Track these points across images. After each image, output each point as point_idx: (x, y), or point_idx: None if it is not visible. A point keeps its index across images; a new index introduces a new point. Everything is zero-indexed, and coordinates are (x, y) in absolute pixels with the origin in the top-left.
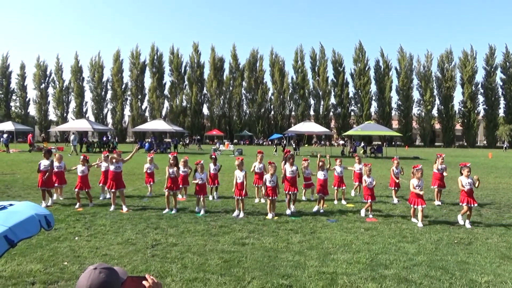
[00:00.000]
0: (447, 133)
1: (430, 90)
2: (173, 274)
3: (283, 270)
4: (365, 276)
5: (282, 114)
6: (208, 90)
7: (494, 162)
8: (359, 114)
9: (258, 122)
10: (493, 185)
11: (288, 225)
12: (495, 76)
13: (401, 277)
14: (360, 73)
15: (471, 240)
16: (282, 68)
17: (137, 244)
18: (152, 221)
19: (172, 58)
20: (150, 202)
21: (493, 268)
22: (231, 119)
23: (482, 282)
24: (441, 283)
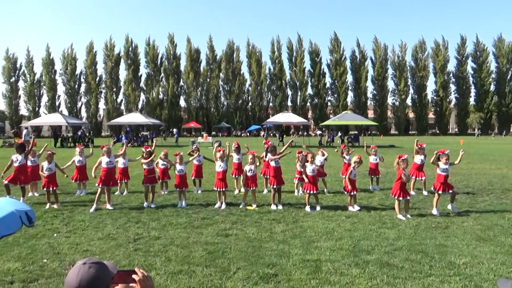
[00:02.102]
0: (421, 121)
1: (405, 80)
2: (157, 267)
3: (268, 259)
4: (348, 262)
5: (260, 105)
6: (185, 82)
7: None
8: (336, 104)
9: (236, 114)
10: (466, 171)
11: (270, 215)
12: (466, 65)
13: (383, 262)
14: (336, 63)
15: (448, 224)
16: (259, 59)
17: (118, 239)
18: (132, 216)
19: (148, 50)
20: (129, 196)
21: (470, 250)
22: (209, 111)
23: (461, 264)
24: (421, 266)
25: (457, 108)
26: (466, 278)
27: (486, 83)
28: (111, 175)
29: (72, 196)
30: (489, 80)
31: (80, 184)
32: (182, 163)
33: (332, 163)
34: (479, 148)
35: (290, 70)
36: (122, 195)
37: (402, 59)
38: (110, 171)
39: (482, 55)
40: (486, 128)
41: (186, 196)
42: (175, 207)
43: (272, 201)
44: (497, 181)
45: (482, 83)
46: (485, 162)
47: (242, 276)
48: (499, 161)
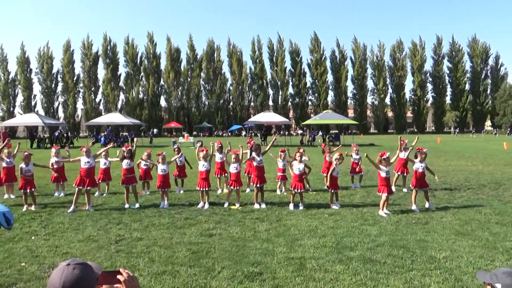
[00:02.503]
0: (399, 120)
1: (383, 79)
2: (140, 268)
3: (253, 258)
4: (332, 259)
5: (242, 105)
6: (165, 81)
7: (443, 146)
8: (317, 103)
9: (217, 114)
10: (443, 168)
11: (254, 214)
12: (442, 65)
13: (366, 258)
14: (316, 63)
15: (428, 219)
16: (240, 59)
17: (99, 241)
18: (113, 217)
19: (127, 49)
20: (110, 197)
21: (449, 244)
22: (190, 110)
23: (441, 258)
24: (403, 261)
25: (434, 107)
26: (446, 271)
27: (461, 82)
28: (90, 175)
29: (50, 198)
30: (464, 80)
31: (58, 185)
32: (164, 163)
33: (314, 161)
34: (455, 146)
35: (271, 69)
36: (102, 196)
37: (381, 59)
38: (88, 171)
39: (457, 55)
40: (461, 127)
41: (169, 196)
42: (157, 208)
43: (255, 200)
44: (473, 177)
45: (458, 82)
46: (461, 159)
47: (227, 275)
48: (474, 158)
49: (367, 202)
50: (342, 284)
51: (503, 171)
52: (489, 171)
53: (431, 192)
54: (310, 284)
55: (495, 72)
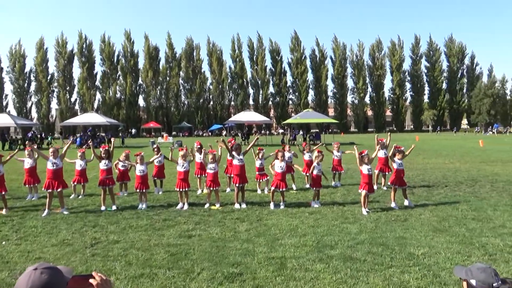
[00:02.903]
0: (379, 119)
1: (363, 78)
2: (117, 272)
3: (233, 258)
4: (312, 258)
5: (222, 104)
6: (143, 80)
7: (421, 145)
8: (297, 102)
9: (197, 113)
10: (422, 166)
11: (234, 214)
12: (420, 64)
13: (346, 256)
14: (297, 62)
15: (406, 217)
16: (220, 57)
17: (74, 245)
18: (89, 219)
19: (103, 47)
20: (86, 199)
21: (427, 241)
22: (169, 110)
23: (419, 254)
24: (383, 258)
25: (412, 105)
26: (425, 267)
27: (438, 81)
28: (58, 177)
29: (22, 201)
30: (441, 79)
31: (31, 187)
32: (143, 163)
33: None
34: (433, 144)
35: (252, 68)
36: (78, 198)
37: (360, 58)
38: (55, 173)
39: (435, 55)
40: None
41: (147, 198)
42: (135, 209)
43: (236, 200)
44: (451, 175)
45: (435, 82)
46: (439, 157)
47: (206, 277)
48: (451, 156)
49: (348, 200)
50: (322, 282)
51: (479, 168)
52: (466, 169)
53: (410, 189)
54: (290, 283)
55: (471, 72)
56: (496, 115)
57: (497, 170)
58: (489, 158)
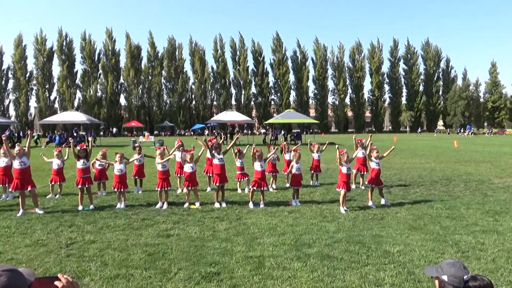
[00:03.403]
0: (358, 120)
1: (343, 80)
2: (91, 273)
3: (210, 258)
4: (290, 256)
5: (204, 104)
6: (125, 79)
7: (399, 145)
8: (279, 103)
9: (179, 112)
10: (399, 165)
11: (213, 213)
12: (398, 67)
13: (323, 254)
14: (279, 63)
15: (383, 215)
16: (202, 57)
17: (48, 245)
18: (65, 219)
19: (84, 45)
20: (63, 199)
21: (403, 239)
22: (151, 109)
23: (395, 252)
24: (359, 256)
25: (391, 107)
26: (399, 265)
27: (416, 83)
28: (25, 177)
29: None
30: (418, 81)
31: (5, 187)
32: (122, 162)
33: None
34: (410, 145)
35: (234, 69)
36: (55, 198)
37: (341, 60)
38: (22, 172)
39: (412, 58)
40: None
41: (126, 197)
42: (113, 209)
43: (216, 199)
44: (426, 174)
45: (412, 84)
46: (415, 157)
47: (183, 277)
48: (428, 156)
49: (327, 199)
50: (299, 281)
51: (453, 168)
52: (441, 168)
53: (387, 188)
54: (268, 282)
55: (446, 75)
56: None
57: (471, 170)
58: (463, 158)
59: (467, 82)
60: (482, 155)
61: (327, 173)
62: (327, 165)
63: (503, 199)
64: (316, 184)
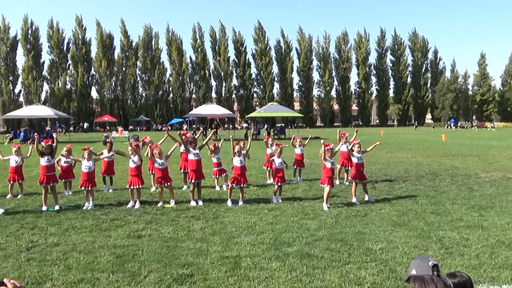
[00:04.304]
0: (345, 113)
1: (329, 71)
2: (54, 278)
3: (184, 259)
4: (268, 256)
5: (182, 97)
6: (96, 70)
7: (386, 139)
8: (262, 95)
9: (156, 106)
10: (385, 160)
11: (189, 212)
12: (385, 58)
13: (303, 253)
14: (261, 53)
15: (367, 211)
16: (180, 47)
17: (7, 249)
18: (27, 221)
19: (51, 33)
20: (25, 199)
21: (386, 236)
22: (125, 103)
23: (377, 249)
24: (340, 255)
25: (378, 99)
26: (381, 263)
27: (403, 75)
28: None
29: None
30: (406, 73)
31: None
32: (90, 159)
33: (258, 155)
34: (397, 138)
35: (214, 59)
36: (16, 198)
37: (327, 51)
38: None
39: (399, 49)
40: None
41: (94, 196)
42: (81, 209)
43: (192, 197)
44: (413, 169)
45: (400, 76)
46: (402, 151)
47: (153, 280)
48: (415, 150)
49: (309, 195)
50: (277, 281)
51: (440, 162)
52: (428, 163)
53: (372, 184)
54: (243, 283)
55: (434, 66)
56: (459, 110)
57: (457, 164)
58: (450, 152)
59: (455, 74)
60: (470, 148)
61: (311, 168)
62: (310, 160)
63: (489, 193)
64: (298, 180)
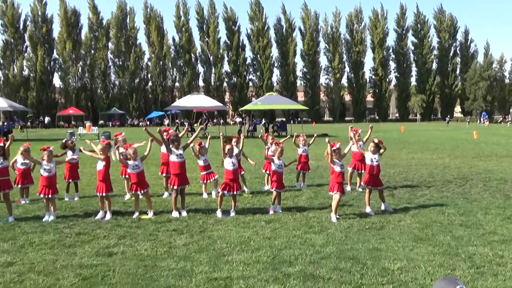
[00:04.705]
0: (358, 105)
1: (339, 56)
2: None
3: (164, 281)
4: (265, 277)
5: (163, 86)
6: (60, 53)
7: (407, 137)
8: (259, 84)
9: (131, 97)
10: (406, 162)
11: (170, 224)
12: (406, 40)
13: (307, 274)
14: (258, 34)
15: (383, 223)
16: (160, 26)
17: None
18: None
19: (4, 9)
20: None
21: (406, 253)
22: (94, 92)
23: (395, 269)
24: (351, 276)
25: (398, 89)
26: (400, 285)
27: (427, 60)
28: None
29: None
30: (430, 57)
31: None
32: (51, 160)
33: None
34: (420, 136)
35: (201, 41)
36: None
37: (336, 31)
38: None
39: (423, 28)
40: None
41: (56, 205)
42: (40, 221)
43: (174, 207)
44: (439, 172)
45: (424, 61)
46: (426, 152)
47: None
48: (441, 150)
49: (315, 205)
50: None
51: (471, 164)
52: (456, 165)
53: (390, 190)
54: None
55: (464, 50)
56: (493, 101)
57: (491, 167)
58: (483, 152)
59: (489, 59)
60: (506, 148)
61: (317, 171)
62: (317, 162)
63: None
64: (301, 186)
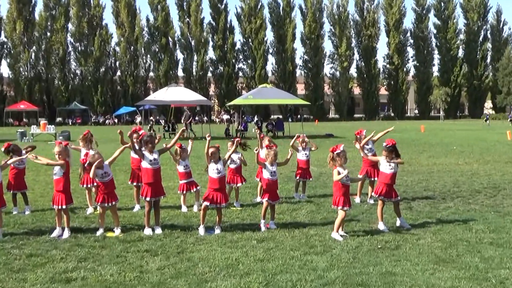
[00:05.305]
0: (369, 100)
1: (347, 40)
2: None
3: None
4: None
5: (135, 76)
6: (8, 36)
7: (428, 138)
8: (250, 74)
9: (96, 89)
10: (426, 168)
11: (142, 244)
12: (427, 21)
13: None
14: (250, 14)
15: (399, 242)
16: (131, 3)
17: None
18: None
19: None
20: None
21: (425, 278)
22: (51, 84)
23: None
24: None
25: (417, 81)
26: None
27: (453, 46)
28: None
29: None
30: (456, 43)
31: None
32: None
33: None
34: (444, 137)
35: (181, 21)
36: None
37: (344, 11)
38: None
39: (447, 8)
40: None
41: (3, 221)
42: None
43: (146, 223)
44: (465, 181)
45: (448, 47)
46: (450, 156)
47: None
48: (468, 153)
49: (316, 219)
50: None
51: (503, 171)
52: (486, 172)
53: (407, 202)
54: None
55: (496, 34)
56: None
57: None
58: None
59: None
60: None
61: (320, 180)
62: (320, 169)
63: None
64: (301, 197)
